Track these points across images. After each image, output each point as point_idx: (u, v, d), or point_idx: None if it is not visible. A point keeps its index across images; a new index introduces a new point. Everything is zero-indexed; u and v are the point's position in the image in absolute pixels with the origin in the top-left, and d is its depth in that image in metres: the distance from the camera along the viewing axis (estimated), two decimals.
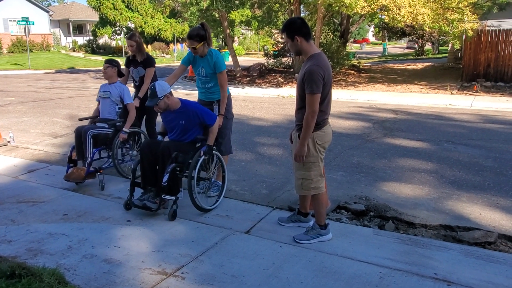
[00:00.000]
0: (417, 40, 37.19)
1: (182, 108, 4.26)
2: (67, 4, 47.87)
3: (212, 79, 4.53)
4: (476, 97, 12.70)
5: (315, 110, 3.28)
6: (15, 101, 12.46)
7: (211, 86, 4.57)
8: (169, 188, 3.97)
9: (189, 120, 4.23)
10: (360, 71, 20.72)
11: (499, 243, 3.67)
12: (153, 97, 4.10)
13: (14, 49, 34.66)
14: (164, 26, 37.42)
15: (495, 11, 16.73)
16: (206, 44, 4.43)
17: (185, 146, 4.21)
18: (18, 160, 6.10)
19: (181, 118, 4.24)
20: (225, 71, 4.51)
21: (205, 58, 4.48)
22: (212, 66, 4.45)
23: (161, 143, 4.15)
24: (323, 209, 3.62)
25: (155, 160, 4.11)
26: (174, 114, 4.27)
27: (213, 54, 4.46)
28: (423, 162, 6.04)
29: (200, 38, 4.33)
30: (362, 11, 13.45)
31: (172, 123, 4.32)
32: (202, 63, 4.51)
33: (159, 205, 4.06)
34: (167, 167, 3.96)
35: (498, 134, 7.84)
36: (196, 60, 4.55)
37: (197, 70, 4.60)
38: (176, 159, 4.01)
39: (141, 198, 4.11)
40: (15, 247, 3.41)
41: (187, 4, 18.12)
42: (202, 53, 4.46)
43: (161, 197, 4.03)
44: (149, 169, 4.14)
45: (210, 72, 4.49)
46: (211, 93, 4.61)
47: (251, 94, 14.51)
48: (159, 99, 4.09)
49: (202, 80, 4.60)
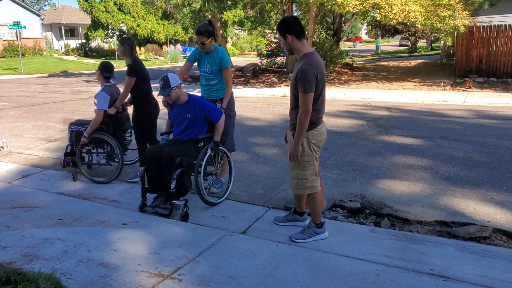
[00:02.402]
0: (410, 38, 37.35)
1: (189, 102, 4.35)
2: (58, 7, 47.67)
3: (216, 76, 4.63)
4: (469, 93, 12.77)
5: (308, 109, 3.28)
6: (7, 106, 12.39)
7: (215, 83, 4.67)
8: (178, 193, 4.07)
9: (195, 114, 4.31)
10: (354, 69, 20.78)
11: (494, 237, 3.69)
12: (165, 88, 4.19)
13: (6, 54, 34.49)
14: (156, 28, 37.34)
15: (486, 7, 16.80)
16: (213, 39, 4.54)
17: (187, 148, 4.26)
18: (12, 166, 6.07)
19: (188, 111, 4.32)
20: (230, 67, 4.64)
21: (211, 54, 4.59)
22: (217, 62, 4.56)
23: (164, 149, 4.17)
24: (319, 207, 3.62)
25: (160, 165, 4.16)
26: (182, 107, 4.36)
27: (219, 51, 4.59)
28: (417, 158, 6.07)
29: (209, 33, 4.45)
30: (354, 9, 13.49)
31: (179, 116, 4.39)
32: (207, 60, 4.61)
33: (171, 209, 4.13)
34: (173, 174, 4.01)
35: (491, 129, 7.89)
36: (201, 56, 4.66)
37: (202, 66, 4.68)
38: (181, 164, 4.06)
39: (153, 204, 4.21)
40: (10, 253, 3.39)
41: (180, 6, 18.10)
42: (209, 49, 4.56)
43: (171, 203, 4.12)
44: (156, 175, 4.20)
45: (216, 69, 4.60)
46: (214, 91, 4.70)
47: (245, 94, 14.51)
48: (171, 89, 4.19)
49: (206, 77, 4.68)
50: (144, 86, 5.06)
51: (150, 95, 5.13)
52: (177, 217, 4.08)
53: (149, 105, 5.12)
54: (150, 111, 5.13)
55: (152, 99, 5.15)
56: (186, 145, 4.32)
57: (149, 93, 5.11)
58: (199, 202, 4.33)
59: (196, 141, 4.36)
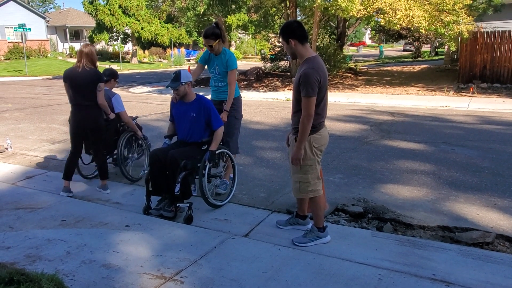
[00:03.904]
0: (414, 43, 37.34)
1: (196, 101, 4.41)
2: (63, 10, 47.95)
3: (224, 78, 4.73)
4: (472, 98, 12.74)
5: (310, 113, 3.29)
6: (12, 107, 12.46)
7: (223, 85, 4.77)
8: (182, 196, 4.10)
9: (199, 113, 4.35)
10: (357, 74, 20.78)
11: (497, 243, 3.68)
12: (175, 81, 4.24)
13: (11, 56, 34.67)
14: (161, 31, 37.46)
15: (490, 12, 16.81)
16: (221, 41, 4.62)
17: (191, 151, 4.29)
18: (15, 167, 6.09)
19: (193, 110, 4.37)
20: (235, 70, 4.73)
21: (219, 56, 4.70)
22: (225, 64, 4.67)
23: (168, 152, 4.19)
24: (321, 211, 3.62)
25: (164, 168, 4.18)
26: (187, 105, 4.41)
27: (227, 53, 4.70)
28: (420, 163, 6.06)
29: (215, 36, 4.54)
30: (358, 14, 13.50)
31: (183, 115, 4.43)
32: (216, 61, 4.72)
33: (175, 212, 4.15)
34: (177, 177, 4.03)
35: (494, 135, 7.87)
36: (211, 58, 4.78)
37: (212, 68, 4.80)
38: (185, 167, 4.08)
39: (157, 207, 4.22)
40: (14, 254, 3.40)
41: (184, 9, 18.18)
42: (217, 51, 4.66)
43: (176, 205, 4.15)
44: (160, 177, 4.22)
45: (223, 70, 4.70)
46: (222, 92, 4.80)
47: (248, 98, 14.53)
48: (180, 84, 4.24)
49: (215, 78, 4.81)
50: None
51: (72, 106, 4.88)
52: (181, 219, 4.10)
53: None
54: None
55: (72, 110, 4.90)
56: (190, 148, 4.34)
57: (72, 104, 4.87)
58: (202, 205, 4.34)
59: (200, 144, 4.38)
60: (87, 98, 4.70)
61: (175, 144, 4.51)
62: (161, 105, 12.78)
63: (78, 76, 4.68)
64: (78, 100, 4.73)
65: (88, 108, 4.74)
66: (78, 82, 4.70)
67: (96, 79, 4.69)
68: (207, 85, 14.41)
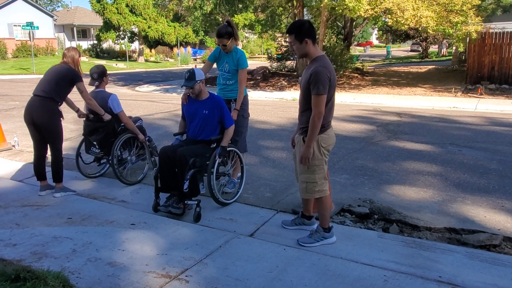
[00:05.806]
0: (421, 43, 37.16)
1: (208, 99, 4.45)
2: (71, 9, 48.15)
3: (234, 76, 4.74)
4: (480, 99, 12.66)
5: (321, 111, 3.28)
6: (19, 105, 12.53)
7: (231, 83, 4.77)
8: (191, 193, 4.11)
9: (212, 111, 4.38)
10: (364, 74, 20.72)
11: (504, 245, 3.65)
12: (190, 80, 4.29)
13: (19, 54, 34.92)
14: (167, 30, 37.54)
15: (499, 13, 16.70)
16: (234, 39, 4.65)
17: (200, 149, 4.31)
18: (22, 164, 6.13)
19: (205, 107, 4.40)
20: (246, 68, 4.75)
21: (230, 54, 4.71)
22: (235, 62, 4.68)
23: (177, 150, 4.20)
24: (327, 212, 3.61)
25: (173, 166, 4.20)
26: (200, 103, 4.44)
27: (238, 51, 4.73)
28: (427, 164, 6.02)
29: (229, 35, 4.57)
30: (366, 14, 13.46)
31: (195, 112, 4.44)
32: (226, 59, 4.73)
33: (184, 209, 4.17)
34: (186, 174, 4.05)
35: (502, 136, 7.81)
36: (221, 56, 4.80)
37: (221, 65, 4.81)
38: (194, 165, 4.11)
39: (166, 204, 4.24)
40: (20, 251, 3.42)
41: (191, 8, 18.21)
42: (229, 49, 4.69)
43: (184, 202, 4.16)
44: (169, 175, 4.24)
45: (233, 69, 4.71)
46: (230, 91, 4.80)
47: (255, 97, 14.53)
48: (195, 82, 4.28)
49: (224, 76, 4.81)
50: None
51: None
52: (186, 218, 4.11)
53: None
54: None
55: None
56: (199, 146, 4.36)
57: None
58: (207, 204, 4.34)
59: (209, 142, 4.39)
60: (46, 90, 4.68)
61: (184, 141, 4.53)
62: (167, 104, 12.80)
63: (50, 70, 4.82)
64: (36, 91, 4.73)
65: (41, 100, 4.69)
66: (46, 75, 4.80)
67: (65, 74, 4.73)
68: (212, 84, 14.43)
